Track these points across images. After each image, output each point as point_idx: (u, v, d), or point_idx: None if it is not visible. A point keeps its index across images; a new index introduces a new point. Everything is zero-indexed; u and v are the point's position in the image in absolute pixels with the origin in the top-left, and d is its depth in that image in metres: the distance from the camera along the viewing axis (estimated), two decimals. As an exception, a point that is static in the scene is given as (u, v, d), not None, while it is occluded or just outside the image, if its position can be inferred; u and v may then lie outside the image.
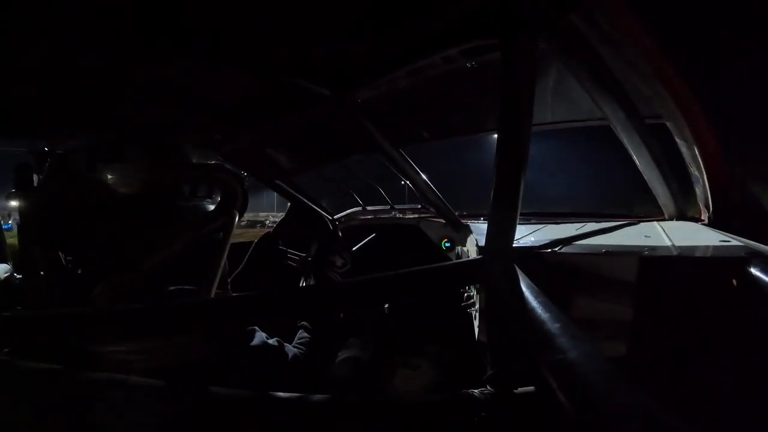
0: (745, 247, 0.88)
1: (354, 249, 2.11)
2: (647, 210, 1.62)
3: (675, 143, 1.18)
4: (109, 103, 1.15)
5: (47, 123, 1.19)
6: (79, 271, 0.85)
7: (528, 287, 0.76)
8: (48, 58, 0.88)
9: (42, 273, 0.83)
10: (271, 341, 0.97)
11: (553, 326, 0.68)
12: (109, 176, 0.81)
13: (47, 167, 0.84)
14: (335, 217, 2.65)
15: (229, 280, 1.06)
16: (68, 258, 0.85)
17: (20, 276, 0.96)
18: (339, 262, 1.65)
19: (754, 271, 0.75)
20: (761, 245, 0.87)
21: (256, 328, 0.96)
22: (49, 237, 0.83)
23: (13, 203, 0.81)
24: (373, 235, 2.25)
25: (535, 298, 0.73)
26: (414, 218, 2.40)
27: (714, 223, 1.15)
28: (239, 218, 0.99)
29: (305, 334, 1.11)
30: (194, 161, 1.00)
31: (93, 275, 0.81)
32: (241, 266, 2.06)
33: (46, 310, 0.80)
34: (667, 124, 1.09)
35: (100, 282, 0.79)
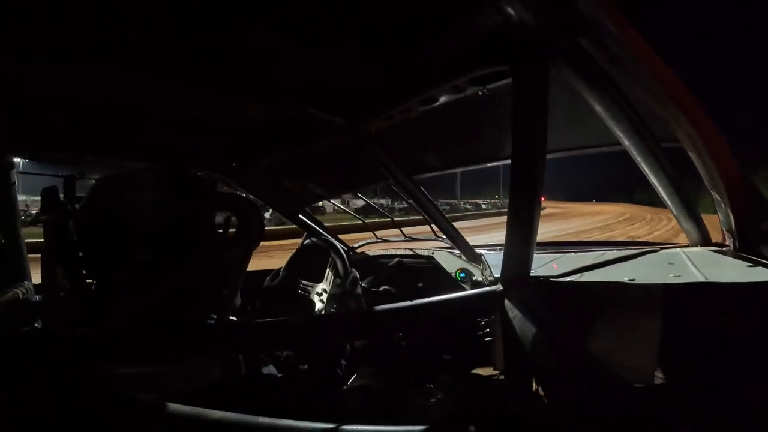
0: None
1: (367, 281, 2.10)
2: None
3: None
4: (131, 133, 1.21)
5: (74, 150, 1.25)
6: (99, 294, 0.86)
7: (545, 317, 0.74)
8: (78, 88, 0.94)
9: (62, 293, 0.85)
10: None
11: (573, 356, 0.65)
12: (136, 204, 0.84)
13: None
14: (351, 247, 2.65)
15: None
16: (89, 280, 0.87)
17: (40, 295, 0.98)
18: (353, 305, 1.64)
19: None
20: None
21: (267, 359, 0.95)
22: (72, 258, 0.85)
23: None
24: (396, 260, 2.23)
25: (553, 327, 0.71)
26: (428, 248, 2.38)
27: (739, 249, 1.10)
28: (255, 248, 1.00)
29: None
30: (214, 191, 1.03)
31: (112, 298, 0.82)
32: (258, 301, 2.06)
33: (64, 329, 0.81)
34: (685, 147, 1.07)
35: (118, 305, 0.80)
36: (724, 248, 1.22)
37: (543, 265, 1.29)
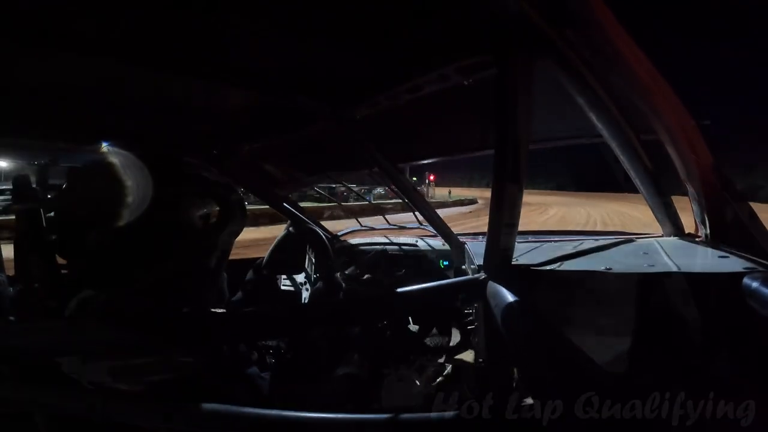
0: (743, 262, 0.88)
1: (351, 269, 2.11)
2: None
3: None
4: (109, 116, 1.17)
5: (49, 135, 1.20)
6: (75, 284, 0.84)
7: (525, 305, 0.76)
8: (51, 70, 0.90)
9: (37, 284, 0.83)
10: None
11: (550, 344, 0.68)
12: (113, 189, 0.82)
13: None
14: (334, 235, 2.64)
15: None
16: (64, 270, 0.85)
17: (14, 287, 0.95)
18: (336, 293, 1.65)
19: (753, 285, 0.75)
20: (759, 259, 0.87)
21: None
22: (46, 248, 0.82)
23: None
24: (380, 248, 2.25)
25: (532, 315, 0.73)
26: (412, 237, 2.40)
27: (711, 240, 1.15)
28: (238, 236, 0.99)
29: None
30: (195, 177, 1.00)
31: (89, 288, 0.80)
32: (237, 296, 2.04)
33: (40, 321, 0.79)
34: (663, 140, 1.10)
35: (96, 295, 0.78)
36: (697, 239, 1.26)
37: (524, 254, 1.32)
